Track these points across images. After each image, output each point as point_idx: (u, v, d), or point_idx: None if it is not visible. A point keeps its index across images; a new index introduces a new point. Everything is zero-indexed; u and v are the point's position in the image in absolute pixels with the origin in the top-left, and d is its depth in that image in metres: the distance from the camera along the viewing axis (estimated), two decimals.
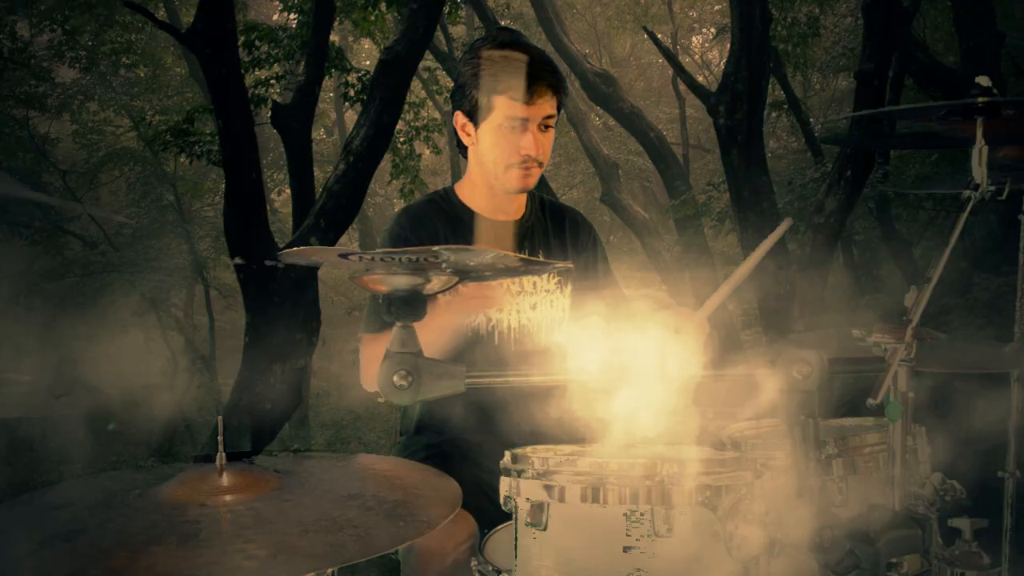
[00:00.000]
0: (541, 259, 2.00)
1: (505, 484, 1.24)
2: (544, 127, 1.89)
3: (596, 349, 1.33)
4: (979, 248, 7.09)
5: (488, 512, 1.66)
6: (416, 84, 11.00)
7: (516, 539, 1.24)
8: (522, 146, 1.87)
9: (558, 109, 1.93)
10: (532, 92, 1.83)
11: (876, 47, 6.16)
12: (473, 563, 1.37)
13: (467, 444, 1.93)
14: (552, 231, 2.09)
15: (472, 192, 2.02)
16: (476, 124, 1.92)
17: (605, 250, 2.18)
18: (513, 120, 1.85)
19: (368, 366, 1.88)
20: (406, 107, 7.74)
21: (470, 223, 1.99)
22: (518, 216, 2.04)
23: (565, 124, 11.31)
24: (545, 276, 1.99)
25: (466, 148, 1.99)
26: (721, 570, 1.14)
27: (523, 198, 2.05)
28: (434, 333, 1.70)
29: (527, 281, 1.97)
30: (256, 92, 7.05)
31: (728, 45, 7.64)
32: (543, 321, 1.98)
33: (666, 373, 1.28)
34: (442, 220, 1.98)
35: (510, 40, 1.90)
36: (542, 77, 1.86)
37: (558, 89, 1.89)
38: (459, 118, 1.95)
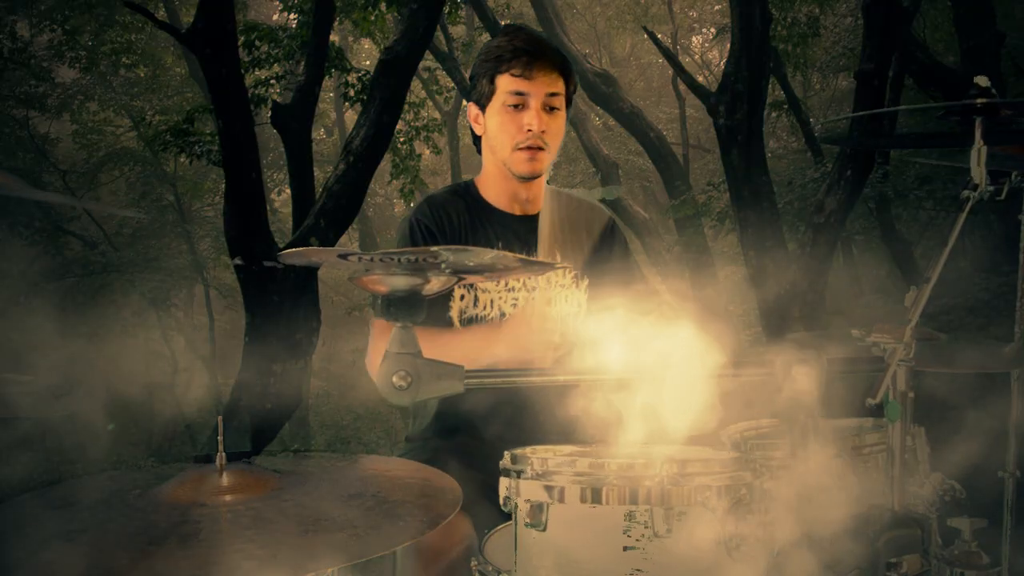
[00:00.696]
0: (539, 259, 1.98)
1: (504, 484, 1.24)
2: (549, 108, 1.88)
3: (615, 345, 1.32)
4: (979, 248, 7.09)
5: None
6: (416, 84, 11.01)
7: (516, 539, 1.24)
8: (525, 123, 1.86)
9: (568, 96, 1.92)
10: (531, 67, 1.84)
11: (876, 47, 6.16)
12: (473, 563, 1.37)
13: (484, 444, 1.91)
14: (569, 225, 2.06)
15: (489, 185, 2.01)
16: (484, 110, 1.92)
17: (627, 242, 2.15)
18: (515, 96, 1.86)
19: (375, 351, 1.86)
20: (406, 107, 7.74)
21: (490, 216, 1.98)
22: (535, 210, 2.02)
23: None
24: (561, 271, 1.98)
25: (480, 140, 1.99)
26: (721, 571, 1.14)
27: (539, 191, 2.02)
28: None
29: (542, 277, 1.96)
30: (256, 92, 7.05)
31: (728, 45, 7.64)
32: (558, 317, 1.96)
33: (686, 371, 1.27)
34: (463, 210, 1.97)
35: (516, 28, 1.93)
36: (542, 54, 1.86)
37: (561, 69, 1.89)
38: (471, 110, 1.96)
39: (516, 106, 1.87)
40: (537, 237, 2.00)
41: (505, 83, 1.87)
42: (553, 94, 1.88)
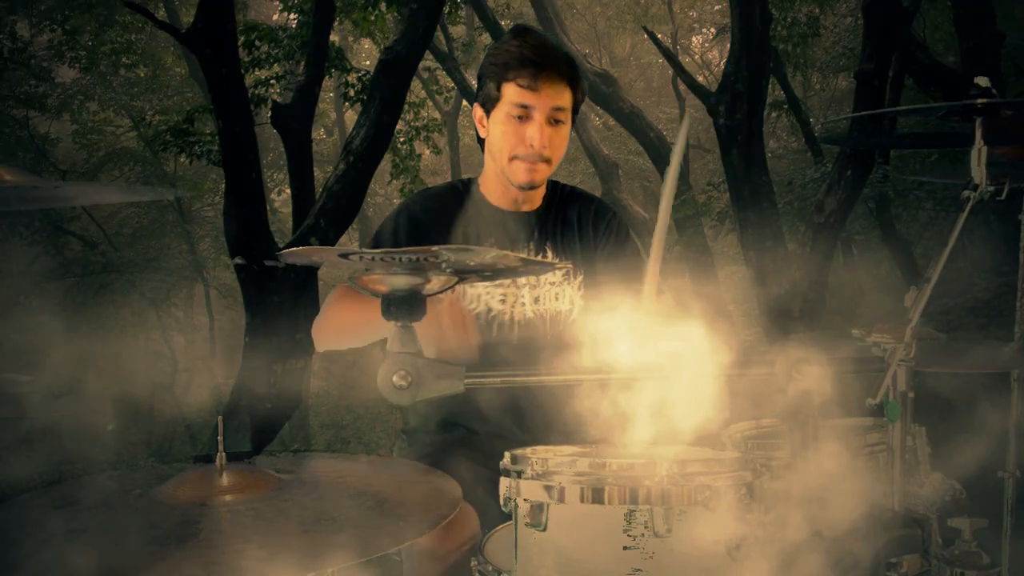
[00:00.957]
0: (540, 259, 1.97)
1: (504, 484, 1.24)
2: (554, 121, 1.86)
3: (619, 343, 1.32)
4: (979, 248, 7.09)
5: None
6: (416, 84, 11.00)
7: (516, 539, 1.24)
8: (528, 136, 1.84)
9: (575, 107, 1.90)
10: (538, 79, 1.81)
11: (876, 47, 6.15)
12: (473, 563, 1.37)
13: (487, 441, 1.91)
14: (567, 222, 2.04)
15: (488, 185, 2.01)
16: (488, 115, 1.91)
17: (635, 239, 2.11)
18: (519, 108, 1.84)
19: (324, 315, 1.93)
20: (406, 107, 7.74)
21: (485, 213, 1.98)
22: (532, 208, 2.01)
23: None
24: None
25: (483, 142, 1.98)
26: (721, 570, 1.14)
27: (538, 193, 2.01)
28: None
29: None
30: (256, 92, 7.06)
31: (728, 45, 7.64)
32: (548, 314, 1.95)
33: (689, 370, 1.26)
34: (458, 206, 1.98)
35: (526, 31, 1.91)
36: (551, 66, 1.83)
37: (571, 81, 1.86)
38: (476, 111, 1.95)
39: (520, 117, 1.85)
40: (529, 233, 1.99)
41: (511, 93, 1.84)
42: (559, 108, 1.85)
